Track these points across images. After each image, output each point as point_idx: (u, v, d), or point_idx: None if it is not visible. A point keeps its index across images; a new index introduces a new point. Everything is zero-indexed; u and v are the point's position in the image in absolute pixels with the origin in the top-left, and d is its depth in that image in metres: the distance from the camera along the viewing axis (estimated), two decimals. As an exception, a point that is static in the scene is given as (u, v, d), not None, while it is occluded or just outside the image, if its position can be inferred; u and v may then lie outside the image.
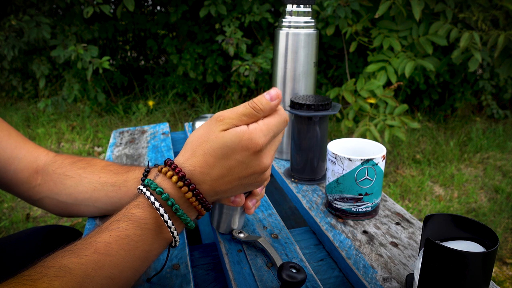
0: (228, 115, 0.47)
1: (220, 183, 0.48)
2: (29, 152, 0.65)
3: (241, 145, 0.46)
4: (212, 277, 0.60)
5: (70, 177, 0.65)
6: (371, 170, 0.63)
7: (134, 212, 0.45)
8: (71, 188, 0.64)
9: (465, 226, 0.48)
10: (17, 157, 0.64)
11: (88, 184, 0.64)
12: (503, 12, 1.87)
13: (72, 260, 0.40)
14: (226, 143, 0.46)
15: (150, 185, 0.46)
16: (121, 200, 0.64)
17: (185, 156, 0.48)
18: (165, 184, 0.46)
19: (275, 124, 0.48)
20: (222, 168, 0.47)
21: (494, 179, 2.32)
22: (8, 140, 0.63)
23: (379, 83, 2.02)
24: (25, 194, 0.66)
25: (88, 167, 0.66)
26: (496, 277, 1.55)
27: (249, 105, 0.47)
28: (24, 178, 0.65)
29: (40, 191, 0.65)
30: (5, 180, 0.64)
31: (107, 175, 0.65)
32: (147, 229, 0.45)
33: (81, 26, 2.93)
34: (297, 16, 0.84)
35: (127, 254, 0.43)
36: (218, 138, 0.46)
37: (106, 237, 0.43)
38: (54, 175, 0.65)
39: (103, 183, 0.64)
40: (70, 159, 0.67)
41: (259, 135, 0.46)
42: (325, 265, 0.60)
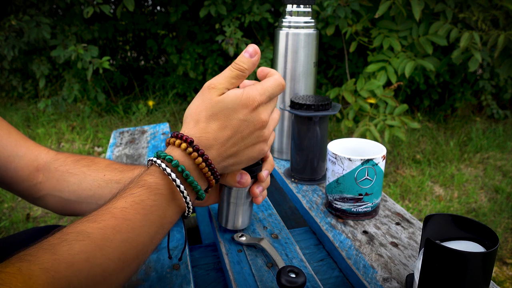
0: (219, 81, 0.50)
1: (226, 146, 0.50)
2: (29, 150, 0.65)
3: (240, 104, 0.49)
4: (212, 277, 0.60)
5: (74, 175, 0.65)
6: (371, 170, 0.63)
7: (147, 179, 0.47)
8: (74, 185, 0.64)
9: (465, 226, 0.48)
10: (17, 155, 0.64)
11: (93, 182, 0.64)
12: (503, 12, 1.87)
13: (90, 225, 0.41)
14: (227, 105, 0.49)
15: (160, 154, 0.48)
16: None
17: (188, 127, 0.50)
18: (175, 152, 0.48)
19: (271, 86, 0.51)
20: (226, 130, 0.49)
21: (494, 179, 2.32)
22: (8, 138, 0.63)
23: (379, 83, 2.02)
24: (25, 192, 0.66)
25: (92, 165, 0.66)
26: (496, 277, 1.55)
27: (233, 68, 0.51)
28: (25, 176, 0.64)
29: (42, 189, 0.65)
30: (5, 179, 0.64)
31: (112, 172, 0.65)
32: (161, 195, 0.46)
33: (81, 26, 2.93)
34: (297, 16, 0.84)
35: (143, 218, 0.44)
36: (218, 102, 0.49)
37: (122, 203, 0.44)
38: (56, 172, 0.65)
39: (108, 181, 0.64)
40: (73, 157, 0.68)
41: (255, 93, 0.50)
42: (325, 265, 0.60)
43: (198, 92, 0.52)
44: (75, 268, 0.38)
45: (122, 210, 0.43)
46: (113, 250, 0.41)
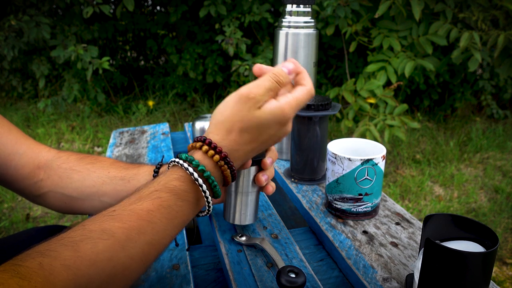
0: (257, 92, 0.50)
1: (250, 154, 0.52)
2: (30, 148, 0.65)
3: (275, 121, 0.50)
4: (212, 277, 0.60)
5: (78, 172, 0.65)
6: (371, 170, 0.63)
7: (176, 185, 0.47)
8: (78, 182, 0.65)
9: (465, 226, 0.48)
10: (17, 153, 0.64)
11: (97, 178, 0.65)
12: (503, 12, 1.87)
13: (115, 224, 0.41)
14: (262, 122, 0.49)
15: (192, 161, 0.48)
16: (128, 194, 0.64)
17: (220, 135, 0.50)
18: (206, 162, 0.49)
19: (303, 99, 0.52)
20: (256, 142, 0.51)
21: (494, 179, 2.32)
22: (8, 136, 0.63)
23: (379, 83, 2.02)
24: (26, 190, 0.66)
25: (96, 162, 0.67)
26: (496, 277, 1.55)
27: (273, 79, 0.51)
28: (25, 173, 0.64)
29: (43, 186, 0.65)
30: (5, 177, 0.64)
31: (116, 169, 0.65)
32: (188, 201, 0.47)
33: (81, 26, 2.93)
34: (297, 16, 0.84)
35: (168, 222, 0.45)
36: (254, 117, 0.49)
37: (149, 205, 0.44)
38: (59, 169, 0.65)
39: (112, 177, 0.65)
40: (76, 155, 0.68)
41: (290, 110, 0.51)
42: (325, 265, 0.60)
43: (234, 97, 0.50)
44: (98, 266, 0.38)
45: (148, 212, 0.44)
46: (136, 251, 0.42)
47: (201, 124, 0.99)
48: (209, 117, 1.01)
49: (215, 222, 0.67)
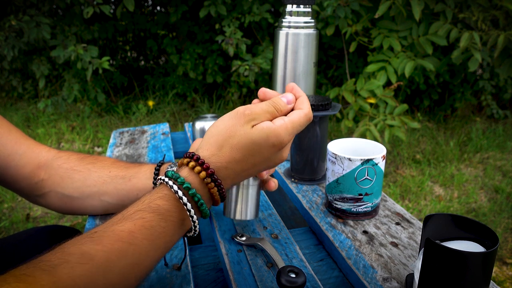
0: (253, 110, 0.49)
1: (241, 176, 0.50)
2: (30, 148, 0.65)
3: (268, 142, 0.48)
4: (212, 277, 0.60)
5: (79, 171, 0.65)
6: (371, 170, 0.63)
7: (159, 204, 0.45)
8: (79, 182, 0.65)
9: (465, 226, 0.48)
10: (17, 153, 0.64)
11: (98, 178, 0.65)
12: (503, 12, 1.87)
13: (95, 247, 0.40)
14: (255, 140, 0.48)
15: (177, 178, 0.46)
16: (128, 192, 0.64)
17: (210, 151, 0.48)
18: (192, 178, 0.47)
19: (300, 123, 0.51)
20: (247, 163, 0.49)
21: (494, 179, 2.32)
22: (8, 136, 0.63)
23: (379, 83, 2.02)
24: (26, 190, 0.66)
25: (97, 162, 0.67)
26: (496, 277, 1.55)
27: (271, 104, 0.51)
28: (26, 174, 0.64)
29: (44, 186, 0.65)
30: (6, 177, 0.64)
31: (117, 169, 0.65)
32: (171, 221, 0.45)
33: (81, 27, 2.93)
34: (297, 16, 0.84)
35: (150, 244, 0.43)
36: (246, 133, 0.48)
37: (130, 225, 0.43)
38: (60, 169, 0.65)
39: (113, 176, 0.64)
40: (76, 155, 0.68)
41: (285, 133, 0.49)
42: (325, 265, 0.60)
43: (231, 113, 0.50)
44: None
45: (129, 234, 0.42)
46: (116, 275, 0.40)
47: (201, 124, 0.99)
48: (209, 117, 1.01)
49: (215, 222, 0.67)
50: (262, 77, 3.11)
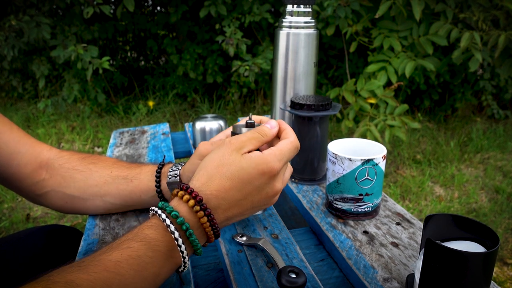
0: (240, 139, 0.50)
1: (234, 208, 0.49)
2: (32, 147, 0.65)
3: (257, 169, 0.48)
4: (212, 277, 0.60)
5: (80, 171, 0.65)
6: (371, 170, 0.63)
7: (147, 233, 0.44)
8: (81, 181, 0.65)
9: (465, 227, 0.47)
10: (20, 152, 0.64)
11: (99, 178, 0.64)
12: (503, 12, 1.87)
13: (80, 276, 0.39)
14: (244, 167, 0.48)
15: (166, 208, 0.46)
16: (131, 193, 0.65)
17: (200, 181, 0.48)
18: (181, 207, 0.46)
19: (288, 150, 0.51)
20: (238, 192, 0.48)
21: (495, 180, 2.31)
22: (10, 134, 0.63)
23: (380, 83, 2.01)
24: (27, 189, 0.66)
25: (99, 162, 0.67)
26: (497, 277, 1.55)
27: (255, 131, 0.52)
28: (27, 172, 0.64)
29: (45, 186, 0.65)
30: (7, 175, 0.64)
31: (118, 169, 0.65)
32: (159, 251, 0.44)
33: (81, 27, 2.93)
34: (297, 16, 0.83)
35: (136, 274, 0.42)
36: (235, 162, 0.48)
37: (117, 255, 0.42)
38: (61, 169, 0.65)
39: (115, 177, 0.64)
40: (77, 155, 0.68)
41: (274, 159, 0.49)
42: (325, 265, 0.60)
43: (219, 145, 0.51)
44: None
45: (116, 263, 0.41)
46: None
47: (201, 125, 0.99)
48: (209, 117, 1.01)
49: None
50: (262, 77, 3.11)
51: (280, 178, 0.51)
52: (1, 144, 0.62)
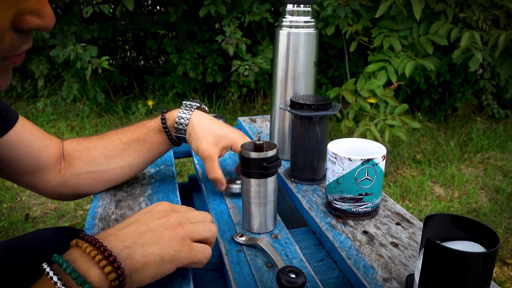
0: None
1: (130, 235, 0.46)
2: (53, 140, 0.70)
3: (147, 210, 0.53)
4: (211, 277, 0.60)
5: (94, 148, 0.69)
6: (371, 170, 0.63)
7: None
8: (100, 157, 0.69)
9: (465, 227, 0.47)
10: (47, 145, 0.68)
11: (115, 148, 0.69)
12: (504, 12, 1.87)
13: None
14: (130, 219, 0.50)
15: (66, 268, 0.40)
16: (150, 150, 0.71)
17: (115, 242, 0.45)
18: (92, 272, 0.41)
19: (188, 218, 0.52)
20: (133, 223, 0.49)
21: (495, 179, 2.31)
22: (36, 130, 0.67)
23: (379, 83, 2.01)
24: (51, 180, 0.69)
25: (103, 136, 0.71)
26: (497, 277, 1.55)
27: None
28: (53, 163, 0.68)
29: (66, 173, 0.69)
30: (36, 168, 0.67)
31: (126, 135, 0.70)
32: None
33: (81, 26, 2.92)
34: (297, 15, 0.83)
35: None
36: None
37: None
38: (75, 153, 0.69)
39: (128, 142, 0.69)
40: (80, 138, 0.72)
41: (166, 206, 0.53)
42: (325, 265, 0.60)
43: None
44: None
45: None
46: None
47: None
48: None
49: (214, 222, 0.67)
50: (262, 77, 3.11)
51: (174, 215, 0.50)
52: (32, 139, 0.65)
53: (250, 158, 0.58)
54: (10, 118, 0.63)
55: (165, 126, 0.70)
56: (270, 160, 0.59)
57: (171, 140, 0.72)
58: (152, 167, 0.88)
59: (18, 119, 0.65)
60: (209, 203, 0.73)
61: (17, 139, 0.63)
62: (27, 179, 0.68)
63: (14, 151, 0.63)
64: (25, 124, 0.65)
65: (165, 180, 0.81)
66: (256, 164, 0.58)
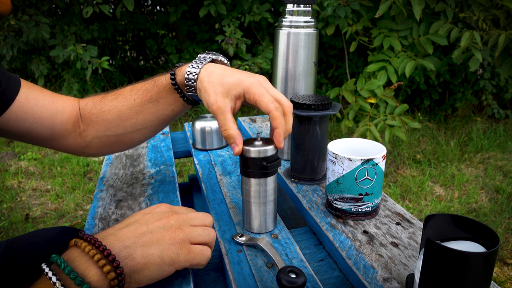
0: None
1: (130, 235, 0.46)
2: (65, 103, 0.68)
3: (146, 211, 0.52)
4: (212, 277, 0.60)
5: (109, 111, 0.67)
6: (371, 170, 0.63)
7: None
8: (115, 120, 0.67)
9: (465, 226, 0.47)
10: (58, 111, 0.66)
11: (129, 111, 0.67)
12: (503, 12, 1.87)
13: None
14: (130, 218, 0.50)
15: (65, 268, 0.40)
16: (164, 109, 0.67)
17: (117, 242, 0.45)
18: (90, 271, 0.41)
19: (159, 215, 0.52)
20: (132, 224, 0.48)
21: (495, 179, 2.31)
22: (44, 97, 0.65)
23: (379, 83, 2.01)
24: (73, 143, 0.69)
25: (118, 96, 0.68)
26: (497, 277, 1.55)
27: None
28: (70, 128, 0.67)
29: (87, 135, 0.68)
30: (54, 136, 0.66)
31: (138, 95, 0.67)
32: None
33: (81, 26, 2.92)
34: (297, 15, 0.83)
35: None
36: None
37: None
38: (92, 116, 0.68)
39: (141, 103, 0.66)
40: (96, 97, 0.70)
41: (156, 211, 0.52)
42: (325, 265, 0.60)
43: None
44: None
45: None
46: None
47: (201, 124, 0.98)
48: (209, 117, 1.00)
49: (215, 222, 0.67)
50: (262, 77, 3.10)
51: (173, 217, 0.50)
52: (41, 109, 0.63)
53: (249, 157, 0.58)
54: (9, 92, 0.60)
55: (175, 82, 0.63)
56: (270, 160, 0.59)
57: (184, 98, 0.65)
58: (152, 167, 0.88)
59: (20, 90, 0.61)
60: (209, 203, 0.73)
61: (23, 111, 0.61)
62: (50, 144, 0.67)
63: (24, 123, 0.61)
64: (29, 94, 0.62)
65: (165, 180, 0.81)
66: (255, 164, 0.58)
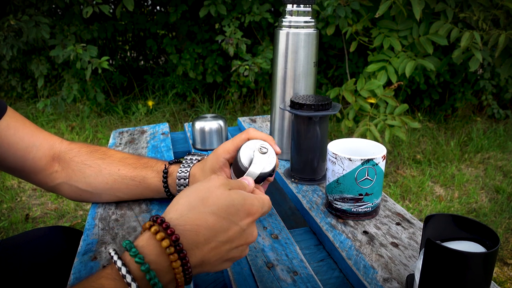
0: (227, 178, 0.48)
1: (212, 250, 0.42)
2: (45, 140, 0.67)
3: (244, 207, 0.43)
4: (212, 277, 0.60)
5: (89, 167, 0.67)
6: (371, 170, 0.62)
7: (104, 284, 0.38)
8: (90, 177, 0.67)
9: (465, 227, 0.47)
10: (34, 145, 0.66)
11: (108, 175, 0.67)
12: (504, 12, 1.87)
13: None
14: (232, 201, 0.43)
15: (130, 249, 0.39)
16: (143, 193, 0.68)
17: (179, 211, 0.42)
18: (150, 248, 0.39)
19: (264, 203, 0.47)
20: (220, 234, 0.42)
21: (495, 179, 2.31)
22: (24, 129, 0.65)
23: (379, 83, 2.01)
24: (42, 181, 0.68)
25: (106, 158, 0.68)
26: (497, 277, 1.55)
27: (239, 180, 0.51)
28: (42, 165, 0.67)
29: (57, 177, 0.68)
30: (24, 168, 0.66)
31: (125, 168, 0.67)
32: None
33: (80, 26, 2.92)
34: (297, 16, 0.83)
35: None
36: (223, 194, 0.43)
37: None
38: (72, 163, 0.67)
39: (123, 176, 0.67)
40: (86, 148, 0.70)
41: (257, 203, 0.45)
42: (325, 265, 0.60)
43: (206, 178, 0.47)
44: None
45: None
46: None
47: (201, 124, 0.98)
48: (209, 117, 1.00)
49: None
50: (262, 77, 3.11)
51: (255, 226, 0.46)
52: (17, 140, 0.64)
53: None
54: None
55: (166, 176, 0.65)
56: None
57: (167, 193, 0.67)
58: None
59: (3, 117, 0.63)
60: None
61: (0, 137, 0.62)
62: (20, 175, 0.68)
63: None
64: (11, 123, 0.63)
65: (165, 180, 0.81)
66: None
